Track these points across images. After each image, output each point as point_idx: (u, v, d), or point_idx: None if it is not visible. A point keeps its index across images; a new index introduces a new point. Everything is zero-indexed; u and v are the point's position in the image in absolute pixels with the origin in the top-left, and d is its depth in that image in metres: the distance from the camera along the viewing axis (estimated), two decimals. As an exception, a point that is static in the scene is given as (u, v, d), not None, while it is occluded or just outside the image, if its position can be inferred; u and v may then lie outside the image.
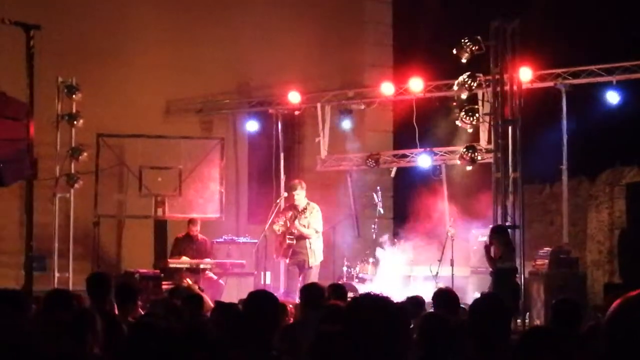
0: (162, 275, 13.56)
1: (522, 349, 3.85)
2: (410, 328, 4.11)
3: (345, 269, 14.68)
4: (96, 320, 5.35)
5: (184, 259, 13.87)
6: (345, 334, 3.22)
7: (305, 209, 13.33)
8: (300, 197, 13.43)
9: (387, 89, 15.36)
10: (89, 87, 14.98)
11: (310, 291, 7.65)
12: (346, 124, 15.74)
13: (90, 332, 5.23)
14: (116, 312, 7.83)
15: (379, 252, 14.80)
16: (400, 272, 14.66)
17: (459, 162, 13.78)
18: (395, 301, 3.53)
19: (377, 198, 14.96)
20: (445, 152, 14.93)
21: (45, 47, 15.39)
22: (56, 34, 15.45)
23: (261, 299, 4.84)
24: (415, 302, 7.87)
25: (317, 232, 13.40)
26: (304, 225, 13.31)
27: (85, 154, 14.78)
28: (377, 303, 3.26)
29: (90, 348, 5.11)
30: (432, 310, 7.18)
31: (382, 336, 3.11)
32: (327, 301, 7.51)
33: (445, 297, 7.30)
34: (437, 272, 13.61)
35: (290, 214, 13.41)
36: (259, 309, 4.63)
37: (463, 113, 13.06)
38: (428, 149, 14.98)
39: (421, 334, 5.34)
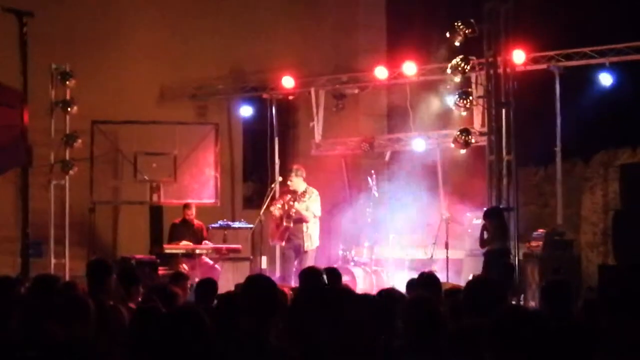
0: (158, 260, 13.60)
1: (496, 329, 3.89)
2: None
3: (340, 252, 14.72)
4: (89, 306, 5.37)
5: (184, 243, 13.89)
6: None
7: (304, 192, 13.35)
8: (295, 183, 13.44)
9: (380, 73, 15.36)
10: (82, 74, 14.97)
11: (308, 275, 7.69)
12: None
13: (80, 318, 5.24)
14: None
15: (373, 235, 14.83)
16: (395, 256, 14.69)
17: (453, 145, 13.81)
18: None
19: (372, 182, 14.99)
20: (439, 136, 14.96)
21: (38, 33, 15.38)
22: (49, 20, 15.41)
23: (259, 282, 4.87)
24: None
25: (315, 216, 13.43)
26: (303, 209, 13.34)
27: (79, 140, 14.79)
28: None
29: (80, 333, 5.13)
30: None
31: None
32: (325, 285, 7.55)
33: (428, 280, 7.33)
34: (432, 255, 13.67)
35: (288, 197, 13.43)
36: (256, 293, 4.66)
37: (457, 96, 13.09)
38: (422, 132, 15.02)
39: (406, 318, 5.36)
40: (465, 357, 4.33)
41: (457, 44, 12.86)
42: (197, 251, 13.86)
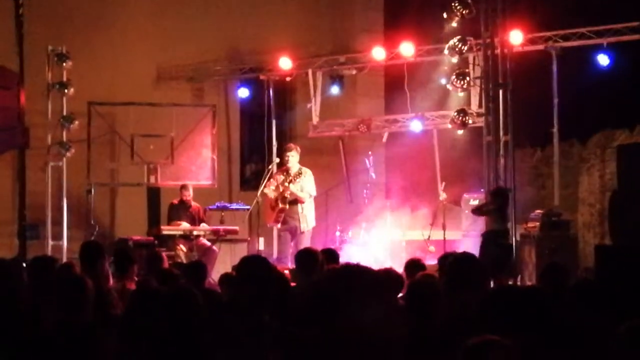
0: (156, 242, 13.60)
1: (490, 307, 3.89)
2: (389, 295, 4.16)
3: (337, 234, 14.74)
4: (88, 287, 5.39)
5: (184, 224, 13.88)
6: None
7: (298, 173, 13.31)
8: (294, 160, 13.40)
9: (378, 53, 15.33)
10: (79, 55, 14.92)
11: (304, 257, 7.68)
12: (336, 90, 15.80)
13: (83, 299, 5.27)
14: (110, 280, 7.93)
15: (370, 217, 14.85)
16: (392, 237, 14.71)
17: (450, 126, 13.81)
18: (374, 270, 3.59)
19: (369, 163, 14.99)
20: (436, 117, 14.95)
21: (34, 15, 15.36)
22: (45, 2, 15.43)
23: (253, 263, 4.87)
24: (414, 264, 7.92)
25: (310, 195, 13.42)
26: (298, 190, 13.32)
27: (76, 122, 14.74)
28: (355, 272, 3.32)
29: (83, 315, 5.15)
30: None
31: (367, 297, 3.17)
32: (322, 266, 7.55)
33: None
34: (429, 236, 13.69)
35: (282, 178, 13.39)
36: (251, 274, 4.66)
37: (454, 77, 13.07)
38: (419, 113, 15.01)
39: (410, 298, 5.40)
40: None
41: (454, 24, 12.83)
42: (195, 233, 13.86)
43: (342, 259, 9.48)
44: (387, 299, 3.48)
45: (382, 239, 14.64)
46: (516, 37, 13.34)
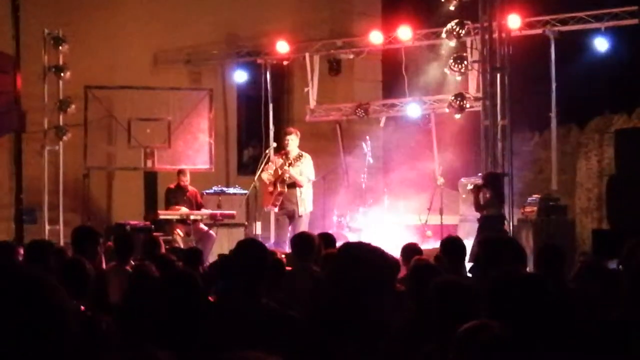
0: (153, 226, 13.58)
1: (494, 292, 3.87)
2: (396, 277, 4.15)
3: (335, 218, 14.73)
4: (86, 271, 5.37)
5: (183, 209, 13.85)
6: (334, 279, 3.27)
7: (298, 157, 13.28)
8: (294, 144, 13.36)
9: (375, 38, 15.29)
10: (75, 39, 14.87)
11: (301, 240, 7.68)
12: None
13: (81, 283, 5.25)
14: (104, 264, 7.92)
15: (368, 201, 14.85)
16: (389, 221, 14.71)
17: (447, 110, 13.79)
18: (384, 250, 3.58)
19: (367, 147, 14.97)
20: (434, 101, 14.93)
21: (30, -1, 15.29)
22: (41, -15, 15.33)
23: (249, 247, 4.86)
24: (411, 249, 7.93)
25: (309, 180, 13.39)
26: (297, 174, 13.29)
27: (73, 106, 14.70)
28: (366, 251, 3.31)
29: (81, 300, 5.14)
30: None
31: (368, 281, 3.16)
32: (319, 250, 7.55)
33: (454, 245, 7.35)
34: (427, 221, 13.68)
35: (281, 161, 13.34)
36: (246, 257, 4.65)
37: (452, 61, 13.05)
38: (417, 97, 14.98)
39: (412, 278, 5.40)
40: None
41: (452, 8, 12.80)
42: (192, 217, 13.83)
43: (339, 244, 9.49)
44: (389, 285, 3.47)
45: (380, 224, 14.63)
46: (514, 21, 13.30)
